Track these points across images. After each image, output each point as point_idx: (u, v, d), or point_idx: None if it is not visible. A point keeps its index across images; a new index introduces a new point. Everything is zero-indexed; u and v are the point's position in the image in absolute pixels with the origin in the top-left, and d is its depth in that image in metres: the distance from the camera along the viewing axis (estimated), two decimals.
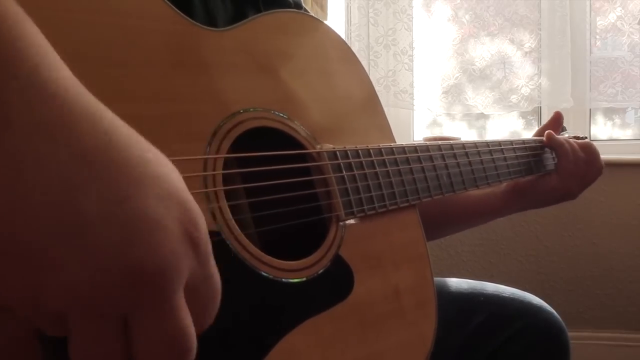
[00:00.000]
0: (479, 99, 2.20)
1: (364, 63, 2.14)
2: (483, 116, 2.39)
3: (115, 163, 0.27)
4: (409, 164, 0.68)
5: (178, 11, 0.50)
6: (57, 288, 0.26)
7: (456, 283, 0.90)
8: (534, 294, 0.89)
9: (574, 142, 0.92)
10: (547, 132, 0.92)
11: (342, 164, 0.60)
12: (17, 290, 0.26)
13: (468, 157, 0.77)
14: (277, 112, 0.57)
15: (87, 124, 0.27)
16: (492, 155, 0.81)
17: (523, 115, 2.40)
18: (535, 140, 0.92)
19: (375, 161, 0.64)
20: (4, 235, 0.26)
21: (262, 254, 0.51)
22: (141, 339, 0.28)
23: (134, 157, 0.28)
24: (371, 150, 0.64)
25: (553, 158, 0.94)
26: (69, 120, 0.27)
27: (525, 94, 2.18)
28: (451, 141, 0.76)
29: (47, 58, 0.28)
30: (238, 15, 0.66)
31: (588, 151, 0.92)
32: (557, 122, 0.98)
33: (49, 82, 0.27)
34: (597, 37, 2.24)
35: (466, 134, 2.43)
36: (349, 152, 0.61)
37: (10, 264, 0.26)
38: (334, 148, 0.60)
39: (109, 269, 0.26)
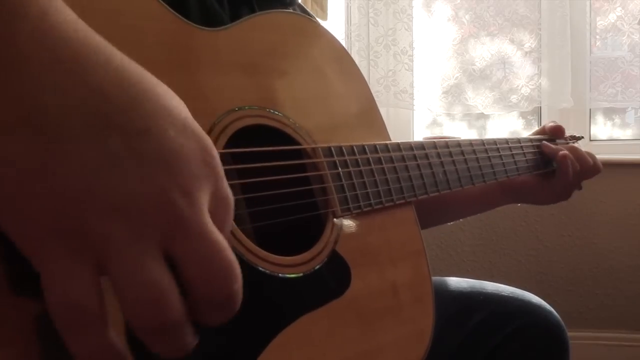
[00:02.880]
0: (479, 99, 2.21)
1: (364, 63, 2.15)
2: (483, 116, 2.39)
3: (131, 97, 0.28)
4: (405, 162, 0.68)
5: (173, 11, 0.51)
6: (88, 223, 0.27)
7: (456, 282, 0.90)
8: (533, 294, 0.89)
9: (572, 154, 0.92)
10: (542, 143, 0.93)
11: (337, 160, 0.60)
12: (47, 228, 0.27)
13: (464, 155, 0.77)
14: (272, 110, 0.57)
15: (100, 62, 0.28)
16: (488, 154, 0.82)
17: (523, 115, 2.40)
18: (531, 139, 0.92)
19: (370, 158, 0.64)
20: (34, 173, 0.26)
21: (259, 249, 0.51)
22: (187, 265, 0.28)
23: (147, 91, 0.29)
24: (366, 148, 0.64)
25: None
26: (82, 58, 0.28)
27: (525, 94, 2.18)
28: (447, 139, 0.76)
29: (54, 2, 0.28)
30: (233, 15, 0.66)
31: (582, 163, 0.92)
32: (557, 133, 0.98)
33: (58, 24, 0.28)
34: (597, 37, 2.24)
35: (466, 134, 2.43)
36: (344, 149, 0.61)
37: (40, 202, 0.27)
38: (329, 145, 0.60)
39: (137, 199, 0.27)
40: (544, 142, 0.93)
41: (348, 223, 0.60)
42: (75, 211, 0.27)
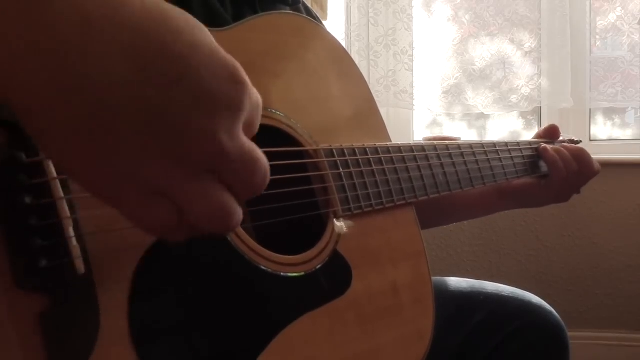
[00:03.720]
0: (479, 99, 2.21)
1: (364, 63, 2.15)
2: (483, 116, 2.39)
3: (159, 44, 0.29)
4: (405, 163, 0.68)
5: None
6: (154, 167, 0.30)
7: (456, 282, 0.90)
8: (533, 294, 0.89)
9: (567, 152, 0.91)
10: (541, 146, 0.92)
11: (339, 161, 0.61)
12: (128, 178, 0.30)
13: (464, 157, 0.77)
14: (274, 111, 0.58)
15: (125, 13, 0.29)
16: (487, 156, 0.82)
17: (523, 115, 2.40)
18: (530, 142, 0.93)
19: (371, 159, 0.64)
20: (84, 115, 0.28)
21: (261, 248, 0.51)
22: (235, 179, 0.33)
23: (173, 32, 0.30)
24: (367, 149, 0.64)
25: None
26: (109, 8, 0.29)
27: (525, 94, 2.19)
28: (447, 142, 0.77)
29: None
30: (236, 16, 0.67)
31: (580, 161, 0.91)
32: (552, 134, 0.98)
33: None
34: (597, 37, 2.24)
35: (466, 134, 2.43)
36: (345, 150, 0.62)
37: (107, 158, 0.29)
38: (330, 146, 0.61)
39: (187, 142, 0.30)
40: (543, 146, 0.92)
41: (349, 223, 0.60)
42: (135, 167, 0.30)
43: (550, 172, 0.90)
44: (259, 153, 0.33)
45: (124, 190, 0.31)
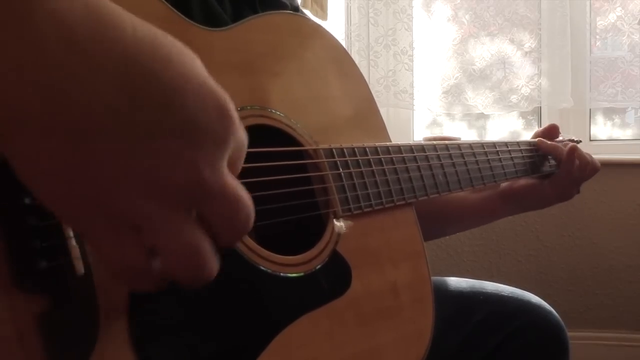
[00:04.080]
0: (479, 99, 2.21)
1: (364, 63, 2.15)
2: (483, 116, 2.39)
3: (148, 71, 0.29)
4: (405, 163, 0.68)
5: (175, 11, 0.51)
6: (132, 200, 0.29)
7: (456, 282, 0.90)
8: (533, 294, 0.89)
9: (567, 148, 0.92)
10: (537, 140, 0.92)
11: (338, 161, 0.61)
12: (103, 210, 0.29)
13: (464, 158, 0.77)
14: (274, 111, 0.58)
15: (115, 38, 0.28)
16: (487, 157, 0.82)
17: (523, 115, 2.40)
18: (529, 142, 0.93)
19: (371, 159, 0.64)
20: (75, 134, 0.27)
21: (261, 248, 0.51)
22: (214, 219, 0.31)
23: (163, 59, 0.30)
24: (367, 149, 0.64)
25: (548, 160, 0.94)
26: (97, 38, 0.28)
27: (525, 94, 2.19)
28: (447, 142, 0.77)
29: None
30: (236, 16, 0.67)
31: (579, 156, 0.91)
32: (552, 133, 0.98)
33: (72, 6, 0.28)
34: (597, 37, 2.24)
35: (466, 134, 2.43)
36: (345, 150, 0.62)
37: (85, 187, 0.28)
38: (330, 146, 0.61)
39: (169, 174, 0.29)
40: (539, 139, 0.92)
41: (349, 223, 0.60)
42: (111, 199, 0.29)
43: (560, 169, 0.90)
44: (244, 192, 0.32)
45: (95, 221, 0.29)
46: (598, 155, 0.97)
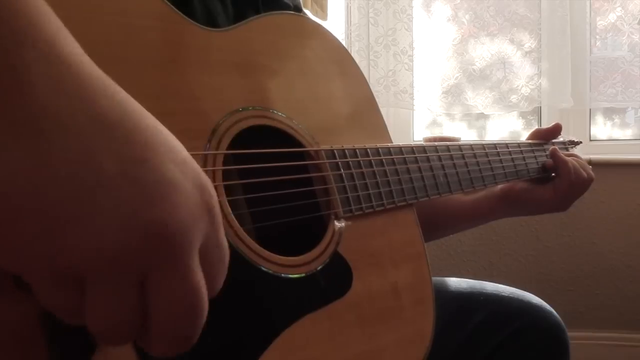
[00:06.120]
0: (479, 99, 2.21)
1: (364, 63, 2.15)
2: (483, 116, 2.39)
3: (132, 129, 0.28)
4: (406, 164, 0.68)
5: (177, 11, 0.51)
6: (77, 245, 0.26)
7: (456, 282, 0.90)
8: (533, 294, 0.89)
9: (574, 160, 0.92)
10: (552, 149, 0.93)
11: (340, 162, 0.61)
12: (33, 250, 0.27)
13: (464, 159, 0.77)
14: (276, 111, 0.58)
15: (104, 94, 0.28)
16: (488, 157, 0.82)
17: (523, 115, 2.40)
18: (530, 144, 0.93)
19: (372, 160, 0.64)
20: (25, 193, 0.26)
21: (262, 249, 0.51)
22: (158, 299, 0.28)
23: (148, 126, 0.29)
24: (368, 150, 0.64)
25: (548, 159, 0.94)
26: (86, 88, 0.28)
27: (525, 94, 2.19)
28: (447, 142, 0.77)
29: (61, 32, 0.29)
30: (238, 16, 0.67)
31: (585, 167, 0.91)
32: (555, 133, 0.98)
33: (65, 54, 0.28)
34: (597, 37, 2.24)
35: (466, 134, 2.43)
36: (346, 151, 0.62)
37: (30, 222, 0.26)
38: (331, 147, 0.61)
39: (130, 226, 0.27)
40: (553, 148, 0.93)
41: (350, 225, 0.60)
42: (55, 236, 0.26)
43: (559, 177, 0.90)
44: (204, 302, 0.29)
45: (37, 263, 0.27)
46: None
